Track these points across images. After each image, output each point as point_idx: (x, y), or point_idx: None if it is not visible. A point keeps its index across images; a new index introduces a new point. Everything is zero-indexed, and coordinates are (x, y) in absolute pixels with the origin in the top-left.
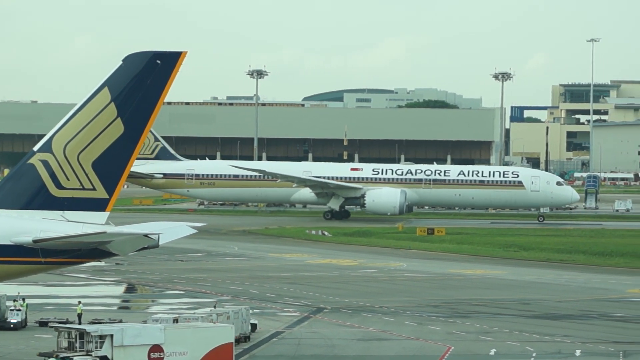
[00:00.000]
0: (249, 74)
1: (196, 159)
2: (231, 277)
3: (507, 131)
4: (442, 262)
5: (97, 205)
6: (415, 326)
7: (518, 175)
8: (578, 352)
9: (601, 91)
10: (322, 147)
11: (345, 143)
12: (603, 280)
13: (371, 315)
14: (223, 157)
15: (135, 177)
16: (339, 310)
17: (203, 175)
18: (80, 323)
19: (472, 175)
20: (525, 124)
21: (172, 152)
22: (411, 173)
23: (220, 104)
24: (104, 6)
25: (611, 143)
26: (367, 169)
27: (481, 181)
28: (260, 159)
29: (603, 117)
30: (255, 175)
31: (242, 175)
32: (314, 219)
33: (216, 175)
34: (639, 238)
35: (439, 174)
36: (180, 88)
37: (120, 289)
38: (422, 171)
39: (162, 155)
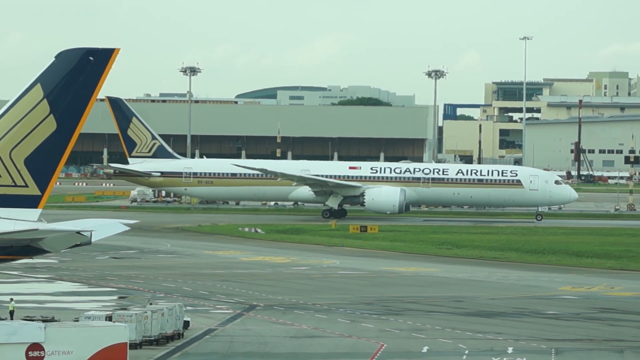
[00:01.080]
0: (182, 71)
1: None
2: (164, 275)
3: (440, 129)
4: (375, 260)
5: (30, 202)
6: (348, 323)
7: (517, 174)
8: (510, 350)
9: (534, 89)
10: (256, 144)
11: (279, 140)
12: (535, 278)
13: (304, 312)
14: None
15: (133, 176)
16: (272, 308)
17: (201, 173)
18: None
19: (471, 174)
20: (458, 121)
21: (170, 150)
22: (409, 172)
23: (153, 100)
24: (36, 4)
25: (544, 141)
26: (365, 168)
27: (480, 180)
28: (193, 156)
29: (536, 115)
30: (253, 174)
31: (240, 174)
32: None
33: (214, 173)
34: (571, 236)
35: (437, 172)
36: (113, 85)
37: (52, 287)
38: (420, 170)
39: (160, 153)
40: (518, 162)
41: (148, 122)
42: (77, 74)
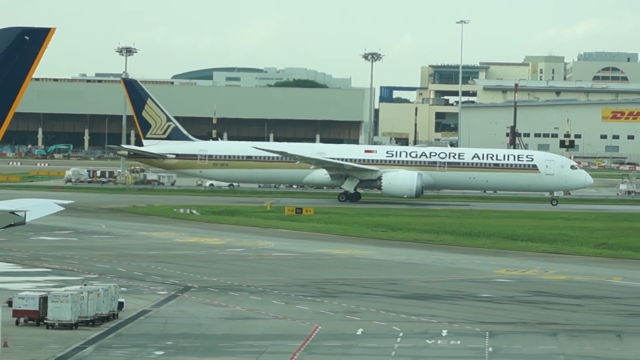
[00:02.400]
0: (118, 51)
1: (65, 135)
2: (98, 255)
3: (377, 111)
4: (311, 242)
5: None
6: (282, 305)
7: (532, 159)
8: (445, 332)
9: (470, 73)
10: (191, 125)
11: (215, 122)
12: (470, 261)
13: (238, 294)
14: (91, 135)
15: (148, 157)
16: (207, 289)
17: (216, 156)
18: None
19: (487, 159)
20: (394, 104)
21: (185, 132)
22: (425, 156)
23: (88, 80)
24: None
25: (480, 124)
26: (381, 151)
27: (495, 164)
28: (128, 137)
29: (472, 98)
30: (269, 157)
31: (256, 157)
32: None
33: (229, 156)
34: (506, 219)
35: (453, 156)
36: (48, 64)
37: None
38: (436, 154)
39: (174, 135)
40: (454, 145)
41: (82, 102)
42: (12, 53)
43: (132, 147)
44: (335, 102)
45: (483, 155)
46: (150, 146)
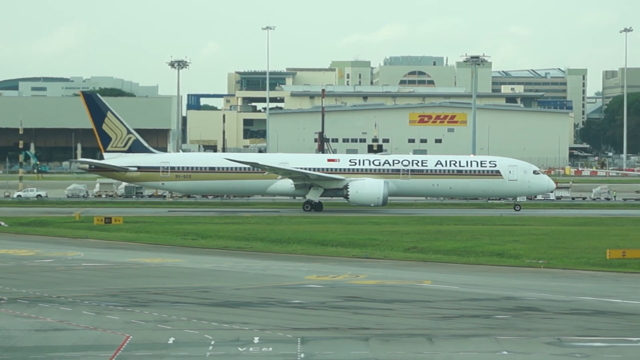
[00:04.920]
0: None
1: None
2: None
3: (184, 119)
4: (121, 251)
5: None
6: (93, 316)
7: (496, 165)
8: (257, 339)
9: (277, 79)
10: None
11: (21, 132)
12: (281, 267)
13: (49, 305)
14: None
15: (109, 170)
16: (16, 301)
17: (178, 167)
18: None
19: (450, 165)
20: (202, 111)
21: (146, 145)
22: (389, 163)
23: None
24: None
25: (288, 130)
26: (344, 160)
27: (459, 171)
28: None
29: (280, 104)
30: (232, 167)
31: (218, 168)
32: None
33: (192, 167)
34: (316, 225)
35: (416, 164)
36: None
37: None
38: (399, 161)
39: (136, 148)
40: (262, 151)
41: None
42: None
43: (93, 160)
44: (143, 110)
45: (446, 162)
46: (111, 159)
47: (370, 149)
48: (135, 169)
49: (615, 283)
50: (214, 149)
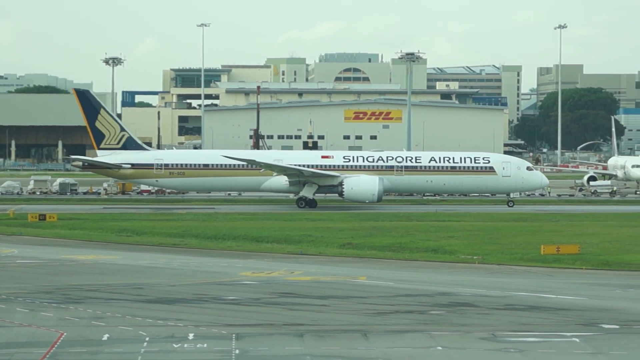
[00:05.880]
0: None
1: None
2: None
3: (119, 116)
4: (55, 248)
5: None
6: (27, 313)
7: (489, 161)
8: (191, 336)
9: (212, 76)
10: None
11: None
12: (215, 264)
13: None
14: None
15: (103, 168)
16: None
17: (172, 165)
18: None
19: (444, 162)
20: (136, 108)
21: (139, 142)
22: (382, 160)
23: None
24: None
25: (223, 127)
26: (337, 156)
27: (453, 167)
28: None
29: (215, 101)
30: (227, 164)
31: (212, 165)
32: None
33: (186, 164)
34: (251, 221)
35: (410, 160)
36: None
37: None
38: (393, 158)
39: (129, 145)
40: (198, 148)
41: None
42: None
43: (87, 158)
44: (77, 107)
45: (440, 158)
46: (104, 156)
47: (306, 146)
48: (129, 166)
49: (549, 278)
50: (148, 145)
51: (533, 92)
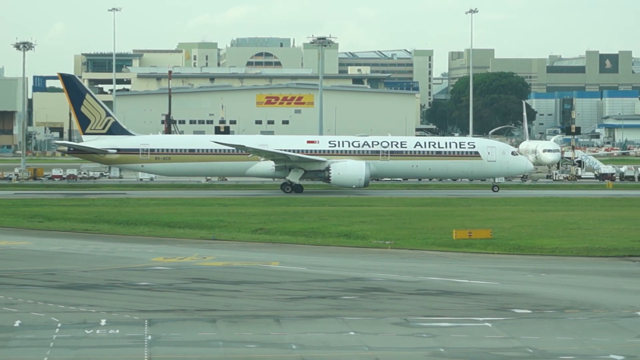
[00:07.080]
0: None
1: None
2: None
3: (30, 101)
4: None
5: None
6: None
7: (474, 146)
8: (104, 322)
9: (124, 61)
10: None
11: None
12: (127, 249)
13: None
14: None
15: (89, 153)
16: None
17: (158, 150)
18: None
19: (429, 147)
20: (48, 93)
21: (124, 127)
22: (368, 145)
23: None
24: None
25: (135, 112)
26: (323, 141)
27: (438, 152)
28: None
29: (126, 86)
30: (212, 149)
31: (198, 150)
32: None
33: (171, 149)
34: (162, 207)
35: (395, 145)
36: None
37: None
38: (378, 143)
39: (115, 130)
40: None
41: None
42: None
43: (73, 143)
44: None
45: (425, 143)
46: (90, 141)
47: (217, 131)
48: (115, 151)
49: (461, 263)
50: (60, 131)
51: (445, 76)
